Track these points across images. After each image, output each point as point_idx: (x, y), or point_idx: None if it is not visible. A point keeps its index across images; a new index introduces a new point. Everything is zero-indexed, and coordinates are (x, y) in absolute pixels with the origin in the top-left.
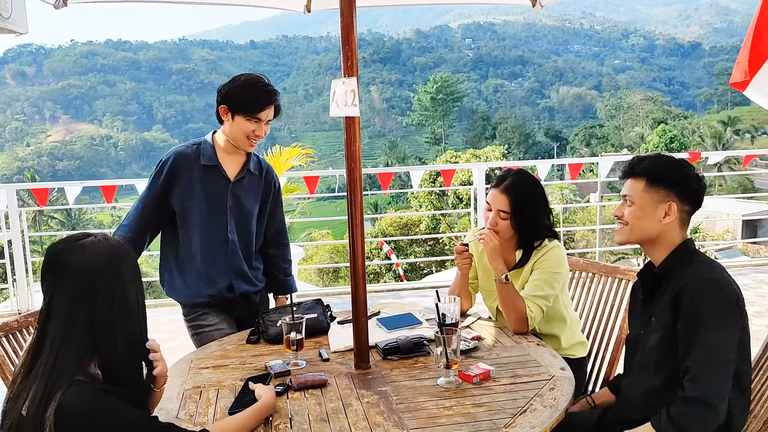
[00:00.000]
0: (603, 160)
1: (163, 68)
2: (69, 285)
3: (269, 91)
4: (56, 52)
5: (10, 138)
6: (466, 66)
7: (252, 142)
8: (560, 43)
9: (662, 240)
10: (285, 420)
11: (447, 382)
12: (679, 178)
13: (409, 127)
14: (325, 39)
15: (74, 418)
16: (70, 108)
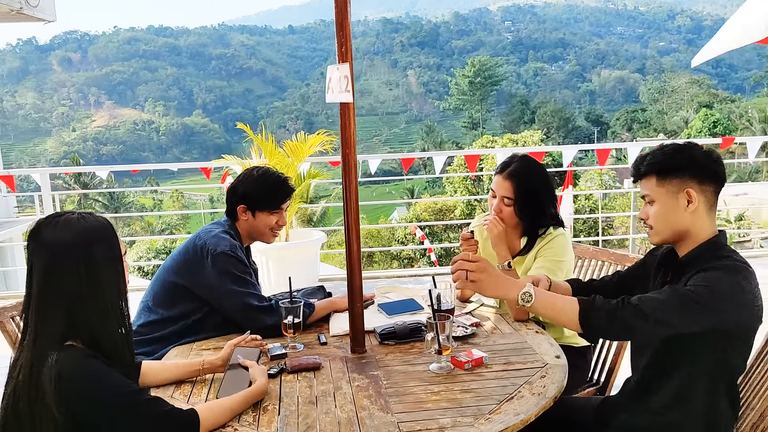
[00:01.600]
0: (632, 145)
1: (203, 54)
2: (42, 259)
3: (287, 184)
4: (100, 38)
5: (57, 123)
6: (505, 49)
7: (276, 233)
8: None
9: (693, 231)
10: (274, 402)
11: (438, 368)
12: (687, 162)
13: (446, 112)
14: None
15: (68, 381)
16: (114, 93)
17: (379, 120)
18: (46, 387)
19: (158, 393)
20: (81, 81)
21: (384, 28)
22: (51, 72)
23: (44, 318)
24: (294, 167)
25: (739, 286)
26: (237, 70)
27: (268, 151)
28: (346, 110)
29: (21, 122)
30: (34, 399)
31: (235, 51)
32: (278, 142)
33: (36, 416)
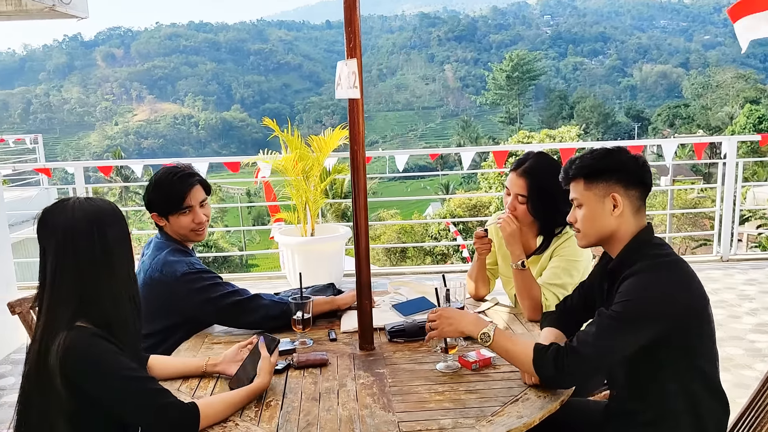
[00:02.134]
0: (666, 142)
1: (241, 49)
2: (54, 242)
3: (181, 179)
4: (142, 34)
5: (100, 117)
6: (543, 43)
7: (200, 231)
8: (645, 18)
9: (619, 233)
10: (278, 397)
11: (445, 367)
12: (615, 166)
13: (483, 107)
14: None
15: (75, 360)
16: (155, 88)
17: (415, 114)
18: (52, 365)
19: (165, 385)
20: (123, 76)
21: (421, 22)
22: (95, 67)
23: (57, 300)
24: (319, 162)
25: (659, 283)
26: (275, 65)
27: (294, 147)
28: (354, 106)
29: (66, 116)
30: (42, 378)
31: (273, 46)
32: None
33: (44, 394)
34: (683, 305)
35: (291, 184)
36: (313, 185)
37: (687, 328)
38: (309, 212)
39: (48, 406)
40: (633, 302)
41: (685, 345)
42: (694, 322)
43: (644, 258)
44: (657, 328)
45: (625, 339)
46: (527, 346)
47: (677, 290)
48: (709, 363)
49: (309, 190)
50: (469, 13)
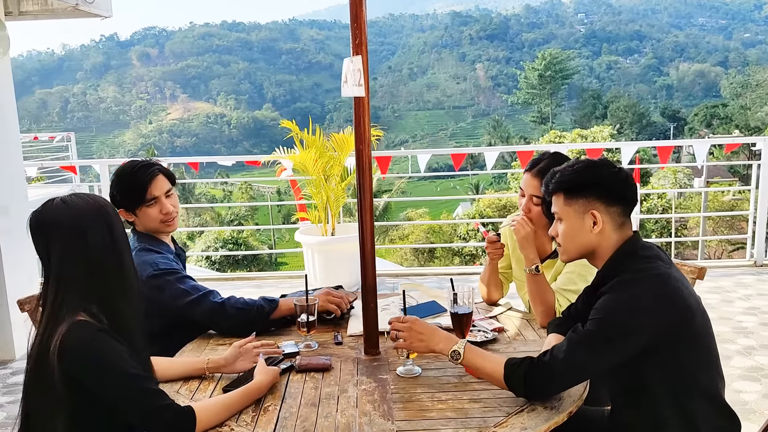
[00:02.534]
0: (698, 143)
1: (273, 48)
2: (59, 236)
3: (141, 170)
4: (176, 34)
5: (135, 116)
6: (577, 42)
7: (167, 223)
8: (682, 16)
9: (600, 249)
10: (277, 402)
11: (406, 371)
12: (594, 181)
13: (515, 106)
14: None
15: (75, 354)
16: (188, 87)
17: (445, 114)
18: (52, 360)
19: (165, 387)
20: (158, 75)
21: (453, 21)
22: (130, 67)
23: (63, 294)
24: (340, 161)
25: (631, 301)
26: (306, 65)
27: (314, 146)
28: (360, 104)
29: (102, 115)
30: (44, 374)
31: (304, 45)
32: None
33: (44, 392)
34: (661, 321)
35: (312, 184)
36: (334, 184)
37: (670, 343)
38: (330, 211)
39: (48, 403)
40: (604, 321)
41: (671, 360)
42: (678, 337)
43: (624, 272)
44: (631, 346)
45: (598, 357)
46: (498, 362)
47: (653, 307)
48: (707, 378)
49: (330, 189)
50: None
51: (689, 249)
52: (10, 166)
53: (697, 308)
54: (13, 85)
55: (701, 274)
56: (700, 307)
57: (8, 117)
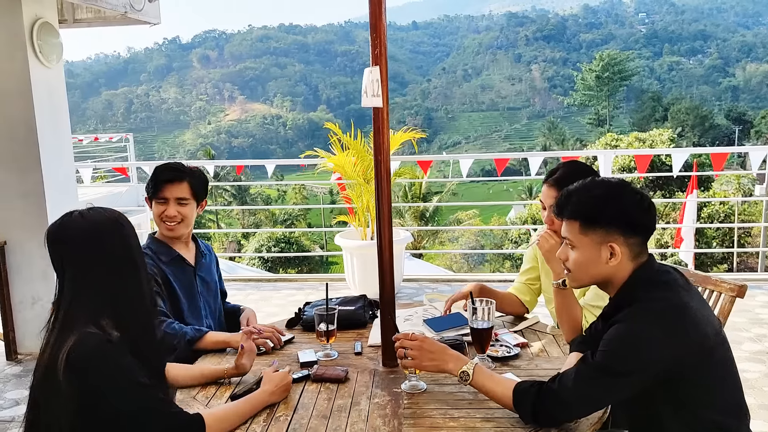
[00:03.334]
0: (755, 149)
1: (329, 50)
2: (75, 249)
3: (170, 170)
4: (235, 36)
5: (194, 117)
6: (637, 42)
7: (167, 225)
8: (750, 15)
9: (614, 279)
10: (288, 412)
11: (410, 387)
12: (617, 214)
13: (571, 108)
14: (486, 17)
15: (81, 365)
16: (246, 89)
17: (500, 115)
18: (59, 370)
19: (182, 393)
20: (217, 77)
21: (508, 22)
22: (191, 69)
23: (80, 302)
24: None
25: (641, 335)
26: (360, 66)
27: (356, 149)
28: (378, 115)
29: (164, 115)
30: (51, 380)
31: (359, 48)
32: None
33: (51, 397)
34: (670, 357)
35: (352, 187)
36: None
37: (683, 378)
38: (369, 215)
39: (55, 412)
40: (610, 354)
41: (685, 395)
42: (692, 372)
43: (636, 301)
44: (638, 381)
45: (605, 390)
46: (507, 387)
47: (662, 342)
48: (723, 414)
49: (370, 192)
50: (559, 12)
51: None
52: (63, 168)
53: (715, 340)
54: (65, 90)
55: (741, 293)
56: (718, 337)
57: (61, 121)
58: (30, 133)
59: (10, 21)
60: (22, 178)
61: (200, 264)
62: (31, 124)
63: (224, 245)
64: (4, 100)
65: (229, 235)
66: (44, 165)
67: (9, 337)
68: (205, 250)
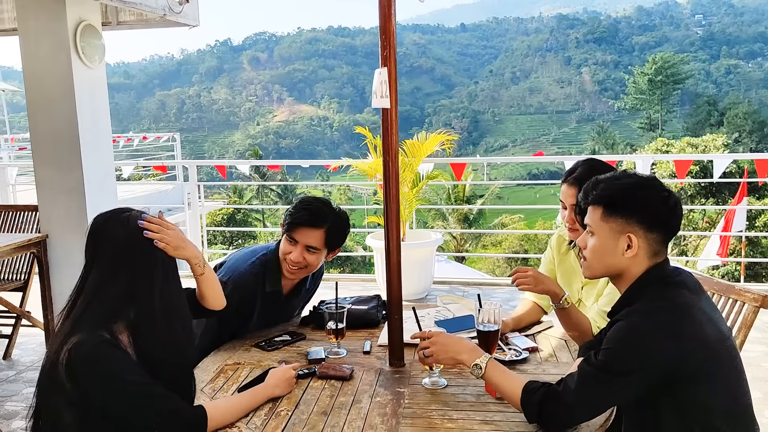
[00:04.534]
0: None
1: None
2: (111, 250)
3: (311, 213)
4: (285, 39)
5: (244, 117)
6: (693, 45)
7: (289, 267)
8: None
9: (628, 273)
10: (290, 407)
11: (432, 383)
12: (640, 205)
13: (622, 112)
14: (536, 20)
15: (76, 363)
16: (294, 90)
17: (548, 119)
18: (60, 368)
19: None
20: (266, 79)
21: (559, 24)
22: (241, 70)
23: (98, 305)
24: (412, 167)
25: (644, 332)
26: (407, 69)
27: None
28: (386, 116)
29: (214, 116)
30: (54, 377)
31: (406, 50)
32: None
33: (54, 393)
34: (670, 357)
35: None
36: (407, 190)
37: (684, 382)
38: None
39: (57, 405)
40: (611, 352)
41: (686, 401)
42: (694, 376)
43: (643, 300)
44: (639, 381)
45: (607, 390)
46: (517, 385)
47: (662, 340)
48: (728, 422)
49: (401, 194)
50: (612, 14)
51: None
52: (103, 166)
53: (721, 345)
54: (107, 90)
55: (765, 303)
56: (724, 343)
57: (102, 120)
58: (72, 131)
59: (55, 24)
60: (64, 176)
61: (289, 297)
62: (73, 123)
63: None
64: (50, 100)
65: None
66: (85, 163)
67: (49, 327)
68: (309, 285)
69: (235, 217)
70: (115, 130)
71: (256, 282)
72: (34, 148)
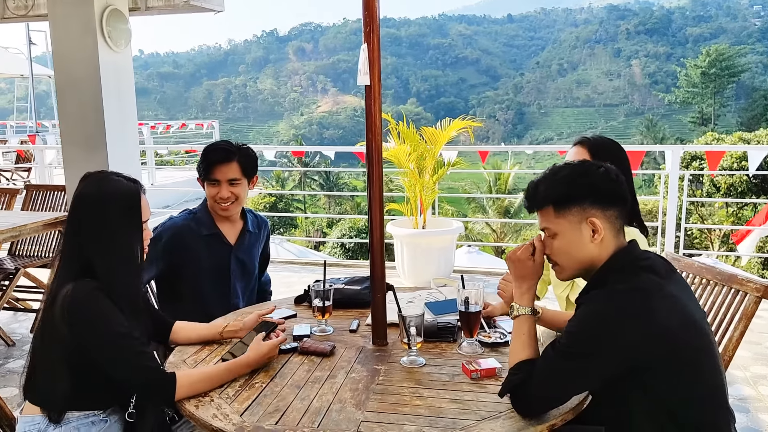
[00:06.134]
0: None
1: (421, 44)
2: (88, 202)
3: (220, 150)
4: (330, 30)
5: (288, 108)
6: (750, 37)
7: (221, 206)
8: None
9: (599, 261)
10: (265, 380)
11: (409, 362)
12: (586, 188)
13: (673, 105)
14: (586, 10)
15: (73, 308)
16: (338, 81)
17: (595, 112)
18: (57, 312)
19: (175, 355)
20: (311, 69)
21: (609, 15)
22: (287, 61)
23: (69, 258)
24: (433, 154)
25: (603, 315)
26: (452, 60)
27: (409, 139)
28: (369, 93)
29: (260, 106)
30: (48, 324)
31: (452, 41)
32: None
33: (49, 341)
34: (631, 342)
35: (406, 176)
36: (428, 177)
37: (650, 368)
38: (421, 204)
39: (51, 352)
40: (572, 334)
41: (655, 388)
42: (660, 363)
43: (606, 284)
44: (602, 365)
45: (567, 374)
46: (518, 353)
47: (622, 324)
48: (700, 412)
49: (423, 182)
50: (665, 5)
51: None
52: (128, 148)
53: (690, 331)
54: (133, 75)
55: (767, 293)
56: (694, 328)
57: (127, 102)
58: (98, 113)
59: (83, 9)
60: (89, 156)
61: (240, 244)
62: (98, 105)
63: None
64: (76, 82)
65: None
66: (109, 145)
67: None
68: (253, 228)
69: (277, 206)
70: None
71: (190, 229)
72: (63, 129)
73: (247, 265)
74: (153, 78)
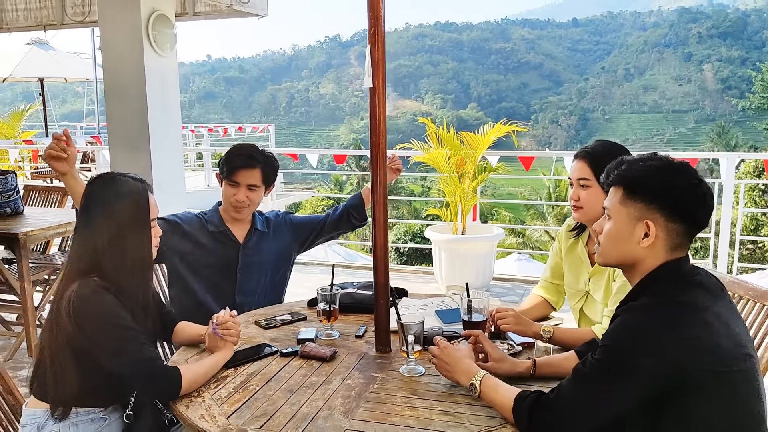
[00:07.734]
0: None
1: (483, 48)
2: (80, 207)
3: (244, 156)
4: (392, 35)
5: (349, 112)
6: None
7: (236, 209)
8: None
9: (642, 266)
10: (260, 383)
11: (409, 371)
12: (663, 188)
13: (747, 112)
14: (655, 13)
15: (80, 304)
16: (399, 86)
17: (663, 118)
18: (63, 306)
19: (179, 355)
20: None
21: (680, 17)
22: (348, 66)
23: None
24: (473, 159)
25: (642, 328)
26: (515, 64)
27: (449, 143)
28: (373, 95)
29: (321, 110)
30: (56, 320)
31: (514, 45)
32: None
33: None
34: (673, 358)
35: (446, 181)
36: (468, 182)
37: (687, 392)
38: (461, 210)
39: (58, 348)
40: (608, 348)
41: (688, 412)
42: (697, 386)
43: (650, 295)
44: (640, 382)
45: (606, 391)
46: (509, 397)
47: (666, 339)
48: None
49: (462, 187)
50: (740, 6)
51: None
52: (172, 151)
53: (734, 354)
54: (178, 78)
55: None
56: (738, 352)
57: (172, 105)
58: (142, 117)
59: (130, 14)
60: (133, 159)
61: (248, 241)
62: (143, 108)
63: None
64: (123, 86)
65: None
66: (153, 148)
67: None
68: (262, 227)
69: None
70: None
71: (200, 223)
72: (110, 131)
73: (258, 261)
74: (220, 82)
